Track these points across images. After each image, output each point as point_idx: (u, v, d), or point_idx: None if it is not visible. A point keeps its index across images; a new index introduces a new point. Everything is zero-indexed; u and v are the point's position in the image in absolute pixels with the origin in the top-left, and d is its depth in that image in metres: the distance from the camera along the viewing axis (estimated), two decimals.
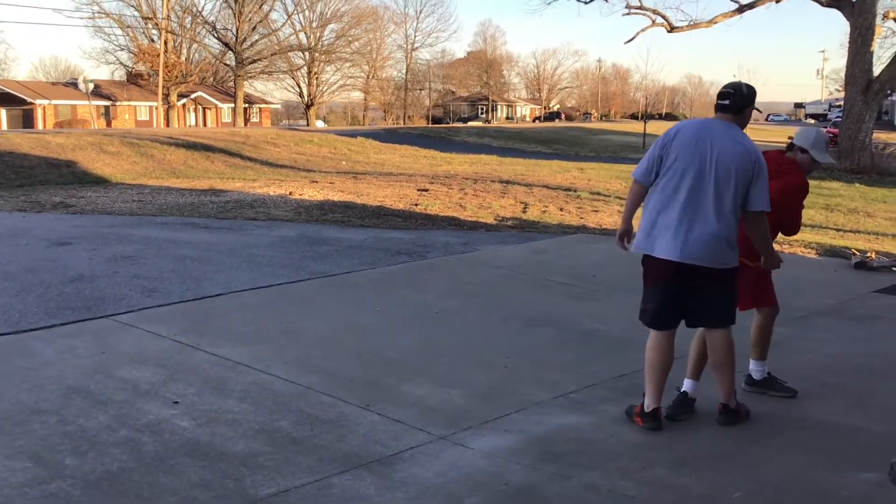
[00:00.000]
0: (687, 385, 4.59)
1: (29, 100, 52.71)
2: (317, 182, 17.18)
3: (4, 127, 49.77)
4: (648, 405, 4.33)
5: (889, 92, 52.15)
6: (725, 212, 4.17)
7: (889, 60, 25.93)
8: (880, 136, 33.14)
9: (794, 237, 11.01)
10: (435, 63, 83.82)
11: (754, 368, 4.99)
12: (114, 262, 8.04)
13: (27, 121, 52.06)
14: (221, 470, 3.72)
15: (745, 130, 4.38)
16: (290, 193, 14.47)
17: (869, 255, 9.48)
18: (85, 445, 3.91)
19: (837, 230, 12.53)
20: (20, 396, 4.51)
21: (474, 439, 4.14)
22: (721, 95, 4.36)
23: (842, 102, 27.53)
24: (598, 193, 16.15)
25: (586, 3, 29.81)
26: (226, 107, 63.45)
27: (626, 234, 4.50)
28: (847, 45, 25.37)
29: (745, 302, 4.74)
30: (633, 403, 4.46)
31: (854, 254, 9.50)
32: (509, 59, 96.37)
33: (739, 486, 3.69)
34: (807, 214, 14.39)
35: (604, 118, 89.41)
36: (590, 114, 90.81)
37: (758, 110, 4.58)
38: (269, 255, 8.67)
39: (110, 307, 6.43)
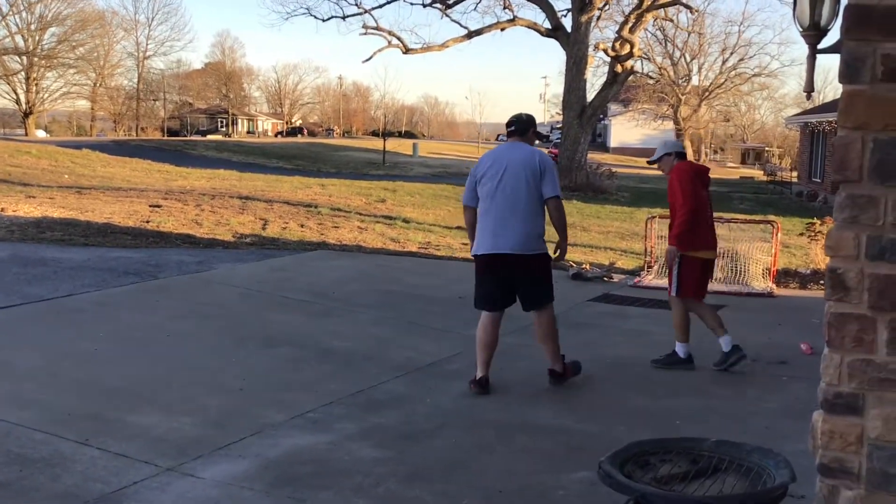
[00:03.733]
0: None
1: None
2: (34, 197, 15.76)
3: None
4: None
5: (601, 116, 57.44)
6: (522, 206, 5.20)
7: (600, 87, 28.62)
8: (595, 156, 36.41)
9: None
10: (170, 73, 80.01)
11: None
12: None
13: None
14: None
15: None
16: (2, 210, 13.15)
17: (584, 266, 10.34)
18: None
19: None
20: None
21: (205, 468, 3.98)
22: (508, 124, 5.55)
23: (561, 125, 29.92)
24: (339, 210, 16.27)
25: (324, 20, 30.17)
26: None
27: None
28: (565, 72, 27.66)
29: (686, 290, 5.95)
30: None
31: (571, 266, 10.31)
32: (249, 73, 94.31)
33: (467, 493, 3.85)
34: None
35: (346, 135, 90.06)
36: (332, 130, 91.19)
37: (540, 134, 5.80)
38: None
39: None
